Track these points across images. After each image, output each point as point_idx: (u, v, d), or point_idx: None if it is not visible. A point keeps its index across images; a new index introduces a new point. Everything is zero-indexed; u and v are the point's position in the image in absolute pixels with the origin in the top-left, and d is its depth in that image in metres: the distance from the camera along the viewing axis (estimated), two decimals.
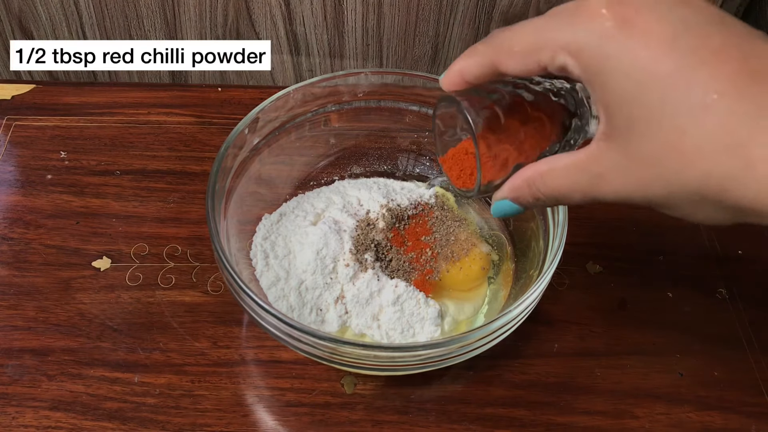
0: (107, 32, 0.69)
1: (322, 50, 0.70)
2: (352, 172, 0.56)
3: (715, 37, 0.24)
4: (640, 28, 0.25)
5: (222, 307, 0.49)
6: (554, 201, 0.31)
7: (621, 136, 0.27)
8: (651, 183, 0.26)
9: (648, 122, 0.25)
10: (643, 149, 0.26)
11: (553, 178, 0.30)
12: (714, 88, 0.24)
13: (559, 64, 0.27)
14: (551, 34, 0.27)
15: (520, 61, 0.29)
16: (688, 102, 0.24)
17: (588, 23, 0.26)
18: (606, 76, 0.26)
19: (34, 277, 0.50)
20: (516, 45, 0.29)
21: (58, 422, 0.43)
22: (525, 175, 0.32)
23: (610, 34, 0.25)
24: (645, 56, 0.25)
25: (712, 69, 0.24)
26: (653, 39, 0.25)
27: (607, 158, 0.28)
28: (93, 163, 0.59)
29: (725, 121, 0.23)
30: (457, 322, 0.46)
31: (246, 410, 0.44)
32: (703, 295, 0.52)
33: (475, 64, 0.31)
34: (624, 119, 0.26)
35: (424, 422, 0.44)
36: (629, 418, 0.45)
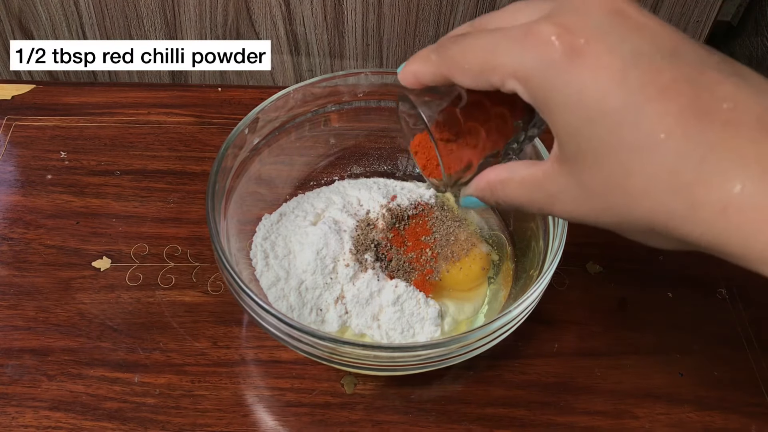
0: (107, 32, 0.69)
1: (322, 50, 0.70)
2: (352, 172, 0.56)
3: (665, 71, 0.24)
4: (589, 59, 0.24)
5: (222, 307, 0.49)
6: (513, 208, 0.31)
7: (570, 164, 0.26)
8: (599, 213, 0.26)
9: (595, 156, 0.25)
10: (591, 181, 0.26)
11: (511, 188, 0.30)
12: (661, 127, 0.23)
13: (510, 88, 0.27)
14: (501, 57, 0.27)
15: (470, 79, 0.28)
16: (635, 141, 0.24)
17: (537, 51, 0.25)
18: (553, 106, 0.25)
19: (34, 277, 0.50)
20: (466, 63, 0.28)
21: (58, 422, 0.43)
22: (487, 178, 0.32)
23: (558, 64, 0.25)
24: (593, 90, 0.24)
25: (659, 107, 0.23)
26: (602, 72, 0.24)
27: (559, 180, 0.27)
28: (93, 163, 0.59)
29: (671, 162, 0.23)
30: (457, 322, 0.46)
31: (246, 410, 0.44)
32: (703, 295, 0.52)
33: (429, 72, 0.30)
34: (573, 150, 0.26)
35: (424, 422, 0.44)
36: (629, 418, 0.45)
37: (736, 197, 0.22)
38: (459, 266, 0.47)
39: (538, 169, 0.29)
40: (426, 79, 0.31)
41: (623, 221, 0.26)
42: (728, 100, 0.23)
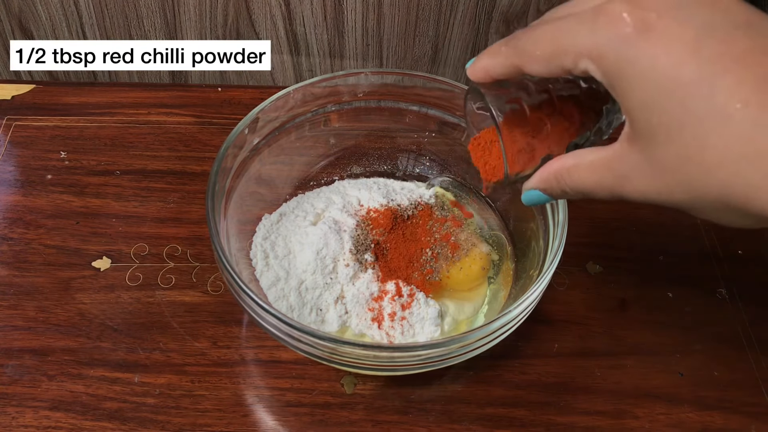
0: (107, 32, 0.69)
1: (322, 50, 0.70)
2: (352, 172, 0.56)
3: (740, 41, 0.24)
4: (661, 33, 0.24)
5: (222, 307, 0.49)
6: (581, 195, 0.31)
7: (643, 141, 0.26)
8: (673, 189, 0.26)
9: (669, 130, 0.25)
10: (664, 156, 0.26)
11: (579, 173, 0.30)
12: (738, 97, 0.23)
13: (582, 68, 0.27)
14: (572, 39, 0.27)
15: (543, 65, 0.28)
16: (710, 111, 0.24)
17: (609, 28, 0.25)
18: (627, 82, 0.25)
19: (34, 277, 0.50)
20: (538, 49, 0.28)
21: (58, 422, 0.43)
22: (553, 168, 0.32)
23: (631, 39, 0.25)
24: (666, 63, 0.24)
25: (735, 76, 0.23)
26: (675, 45, 0.24)
27: (630, 160, 0.27)
28: (93, 163, 0.59)
29: (748, 131, 0.23)
30: (457, 322, 0.46)
31: (246, 410, 0.44)
32: (703, 295, 0.52)
33: (499, 64, 0.30)
34: (645, 125, 0.26)
35: (424, 422, 0.44)
36: (629, 418, 0.45)
37: None
38: (459, 266, 0.47)
39: (608, 152, 0.29)
40: (496, 72, 0.31)
41: (697, 197, 0.26)
42: None
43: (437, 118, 0.53)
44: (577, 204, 0.55)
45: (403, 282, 0.45)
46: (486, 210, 0.53)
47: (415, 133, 0.55)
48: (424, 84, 0.51)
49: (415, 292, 0.45)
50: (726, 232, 0.56)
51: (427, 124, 0.54)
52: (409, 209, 0.50)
